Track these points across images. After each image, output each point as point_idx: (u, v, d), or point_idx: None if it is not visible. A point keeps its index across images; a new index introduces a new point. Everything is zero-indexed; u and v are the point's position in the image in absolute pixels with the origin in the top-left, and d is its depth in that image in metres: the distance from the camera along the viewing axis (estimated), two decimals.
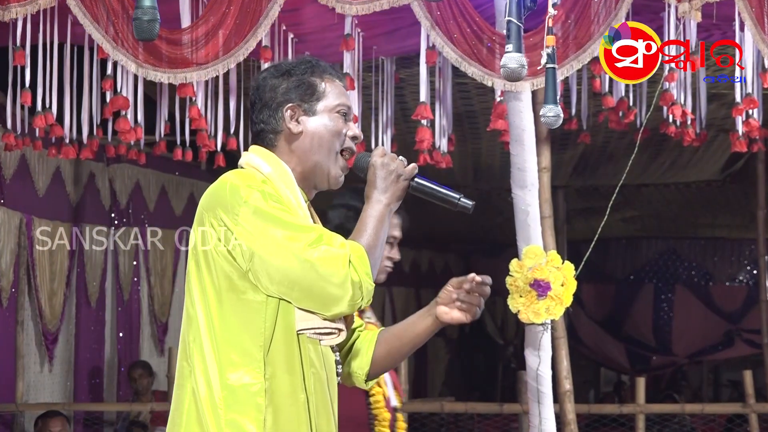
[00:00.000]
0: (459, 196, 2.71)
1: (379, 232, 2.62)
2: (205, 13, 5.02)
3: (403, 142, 7.00)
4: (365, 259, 2.53)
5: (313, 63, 2.75)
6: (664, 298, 13.90)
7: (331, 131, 2.72)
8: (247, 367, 2.54)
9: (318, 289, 2.50)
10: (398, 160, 2.69)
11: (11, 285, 7.43)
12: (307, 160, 2.71)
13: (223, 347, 2.55)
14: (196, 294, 2.60)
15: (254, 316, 2.55)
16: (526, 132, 4.88)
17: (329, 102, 2.72)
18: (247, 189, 2.56)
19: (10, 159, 7.36)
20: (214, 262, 2.57)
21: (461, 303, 2.77)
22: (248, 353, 2.54)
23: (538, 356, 4.88)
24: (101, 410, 8.15)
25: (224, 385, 2.54)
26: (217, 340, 2.56)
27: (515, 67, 3.74)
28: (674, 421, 8.46)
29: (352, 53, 5.33)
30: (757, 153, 7.46)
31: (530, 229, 4.88)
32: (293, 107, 2.71)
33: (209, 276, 2.58)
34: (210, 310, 2.58)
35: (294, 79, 2.72)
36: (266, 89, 2.73)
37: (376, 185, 2.67)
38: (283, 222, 2.53)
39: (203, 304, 2.59)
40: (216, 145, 6.07)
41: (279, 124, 2.71)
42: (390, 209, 2.67)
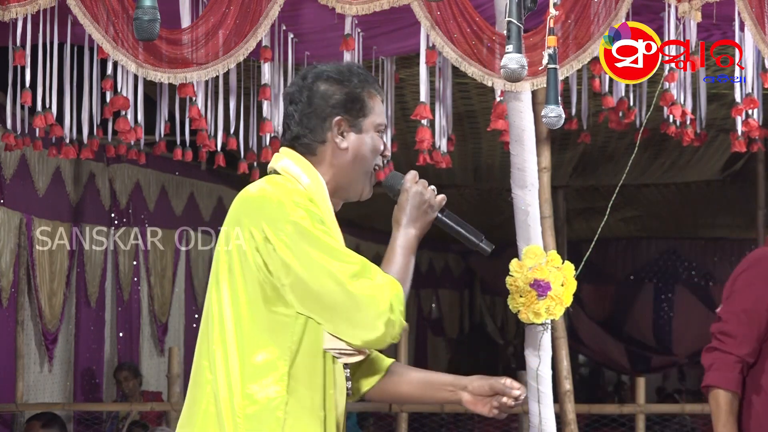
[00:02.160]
0: (481, 238, 2.76)
1: (409, 265, 2.64)
2: (205, 13, 5.02)
3: (403, 142, 7.00)
4: (402, 298, 2.53)
5: (364, 75, 2.70)
6: (664, 298, 13.90)
7: (372, 150, 2.69)
8: (271, 379, 2.51)
9: (353, 321, 2.49)
10: (430, 190, 2.68)
11: (11, 285, 7.43)
12: (344, 176, 2.67)
13: (248, 356, 2.53)
14: (227, 297, 2.56)
15: (283, 330, 2.53)
16: (526, 132, 4.88)
17: (373, 119, 2.69)
18: (293, 206, 2.52)
19: (10, 159, 7.35)
20: (249, 270, 2.53)
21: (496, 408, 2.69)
22: (273, 365, 2.52)
23: (538, 356, 4.88)
24: (101, 410, 8.15)
25: (245, 395, 2.51)
26: (244, 348, 2.53)
27: (516, 67, 3.74)
28: (674, 421, 8.46)
29: (352, 53, 5.32)
30: (756, 153, 7.46)
31: (530, 229, 4.87)
32: (341, 121, 2.65)
33: (243, 282, 2.54)
34: (240, 317, 2.54)
35: (346, 90, 2.66)
36: (317, 95, 2.66)
37: (407, 213, 2.66)
38: (328, 247, 2.50)
39: (233, 310, 2.55)
40: (216, 145, 6.07)
41: (324, 135, 2.66)
42: (418, 240, 2.68)
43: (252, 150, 6.51)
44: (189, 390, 2.64)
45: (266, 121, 5.87)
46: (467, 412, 8.70)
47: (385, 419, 10.02)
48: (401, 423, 6.78)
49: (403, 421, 6.78)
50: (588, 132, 6.43)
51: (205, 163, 8.81)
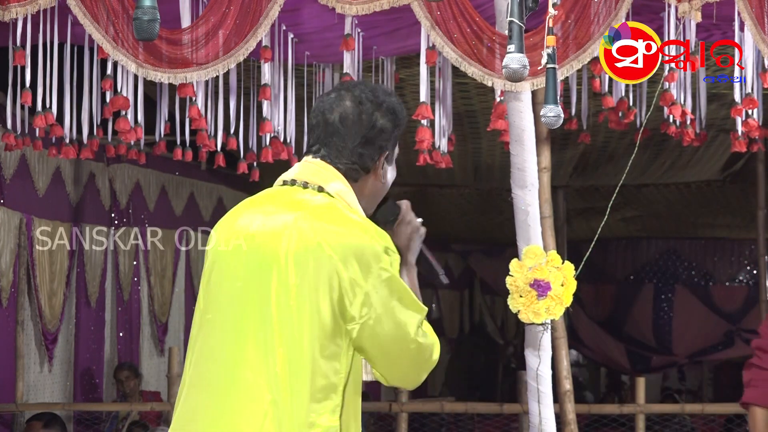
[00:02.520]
0: (442, 272, 2.90)
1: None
2: (205, 13, 5.02)
3: (403, 142, 6.99)
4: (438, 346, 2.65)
5: (403, 113, 2.74)
6: (664, 298, 13.90)
7: (391, 181, 2.78)
8: (330, 407, 2.52)
9: (408, 369, 2.61)
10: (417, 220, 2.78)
11: (11, 285, 7.43)
12: (370, 206, 2.73)
13: (312, 384, 2.51)
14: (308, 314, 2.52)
15: (338, 360, 2.53)
16: (526, 132, 4.88)
17: (396, 151, 2.76)
18: (385, 251, 2.56)
19: (10, 159, 7.35)
20: (323, 297, 2.52)
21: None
22: (330, 395, 2.52)
23: (538, 356, 4.88)
24: (100, 410, 8.15)
25: (309, 423, 2.49)
26: (308, 375, 2.51)
27: (517, 67, 3.74)
28: (674, 421, 8.45)
29: (352, 53, 5.33)
30: (756, 153, 7.46)
31: (530, 229, 4.88)
32: (386, 155, 2.71)
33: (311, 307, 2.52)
34: (314, 337, 2.52)
35: (398, 131, 2.72)
36: (377, 127, 2.67)
37: (410, 248, 2.77)
38: (406, 295, 2.59)
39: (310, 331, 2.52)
40: (216, 145, 6.07)
41: (371, 165, 2.68)
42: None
43: (252, 150, 6.51)
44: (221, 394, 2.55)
45: (266, 121, 5.87)
46: (467, 412, 8.71)
47: (385, 419, 10.02)
48: (401, 423, 6.78)
49: (403, 421, 6.78)
50: (588, 132, 6.43)
51: (205, 163, 8.82)
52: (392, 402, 6.91)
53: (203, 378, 2.58)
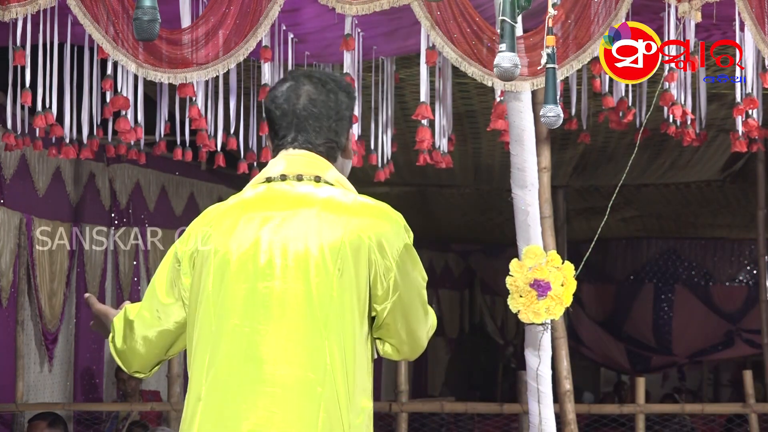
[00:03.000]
0: None
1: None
2: (205, 13, 5.02)
3: (403, 142, 7.00)
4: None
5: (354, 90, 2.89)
6: (664, 298, 13.91)
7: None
8: (366, 390, 2.61)
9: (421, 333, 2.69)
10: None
11: (11, 285, 7.43)
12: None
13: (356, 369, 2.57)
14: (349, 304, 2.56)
15: (369, 342, 2.63)
16: (526, 132, 4.88)
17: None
18: (405, 227, 2.69)
19: (10, 159, 7.35)
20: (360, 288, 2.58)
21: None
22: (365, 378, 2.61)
23: (538, 356, 4.88)
24: (101, 410, 8.15)
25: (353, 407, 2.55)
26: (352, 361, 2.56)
27: (509, 66, 3.74)
28: (674, 421, 8.46)
29: (352, 53, 5.33)
30: (757, 153, 7.46)
31: (530, 229, 4.88)
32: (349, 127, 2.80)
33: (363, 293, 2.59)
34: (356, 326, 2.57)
35: (354, 103, 2.79)
36: (342, 105, 2.73)
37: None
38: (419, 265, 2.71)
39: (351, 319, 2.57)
40: (216, 145, 6.07)
41: (342, 141, 2.74)
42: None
43: (252, 150, 6.51)
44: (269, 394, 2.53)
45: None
46: (467, 412, 8.71)
47: (385, 419, 10.02)
48: (401, 423, 6.78)
49: (403, 421, 6.78)
50: (588, 132, 6.43)
51: (205, 163, 8.81)
52: (392, 402, 6.91)
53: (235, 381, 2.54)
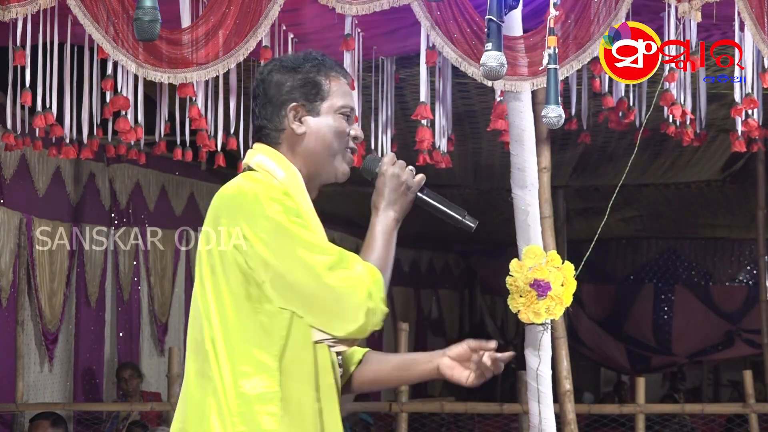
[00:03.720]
0: (464, 214, 2.68)
1: (389, 250, 2.60)
2: (205, 13, 5.02)
3: (403, 142, 7.00)
4: (382, 285, 2.52)
5: (320, 60, 2.69)
6: (664, 298, 13.91)
7: (335, 132, 2.67)
8: (262, 375, 2.52)
9: (333, 313, 2.49)
10: (408, 171, 2.65)
11: (11, 285, 7.43)
12: (311, 163, 2.67)
13: (238, 355, 2.53)
14: (211, 299, 2.57)
15: (270, 325, 2.53)
16: (526, 132, 4.88)
17: (334, 102, 2.68)
18: (269, 201, 2.52)
19: (10, 159, 7.35)
20: (231, 269, 2.54)
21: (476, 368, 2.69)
22: (263, 362, 2.52)
23: (538, 356, 4.88)
24: (101, 410, 8.15)
25: (238, 394, 2.52)
26: (233, 348, 2.54)
27: (494, 65, 3.75)
28: (674, 421, 8.46)
29: (352, 53, 5.33)
30: (756, 153, 7.45)
31: (530, 229, 4.88)
32: (297, 107, 2.66)
33: (225, 282, 2.55)
34: (226, 317, 2.55)
35: (300, 76, 2.67)
36: (271, 84, 2.68)
37: (385, 196, 2.63)
38: (304, 241, 2.50)
39: (218, 310, 2.56)
40: (216, 145, 6.07)
41: (282, 123, 2.67)
42: (397, 222, 2.63)
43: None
44: (184, 393, 2.63)
45: None
46: (467, 412, 8.71)
47: (385, 419, 10.02)
48: (401, 423, 6.78)
49: (403, 421, 6.78)
50: (588, 132, 6.43)
51: (205, 163, 8.80)
52: (392, 402, 6.91)
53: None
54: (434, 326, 15.35)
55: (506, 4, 3.88)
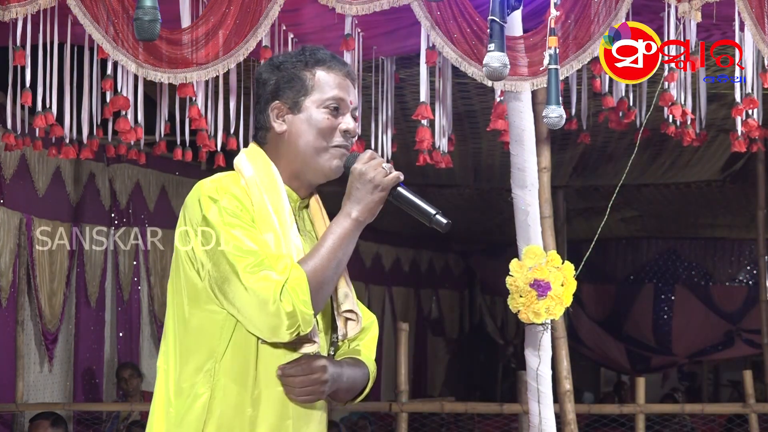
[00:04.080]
0: (434, 212, 2.58)
1: (336, 251, 2.52)
2: (205, 13, 5.02)
3: (403, 142, 7.00)
4: (303, 286, 2.45)
5: (307, 54, 2.65)
6: (664, 298, 13.90)
7: (318, 129, 2.62)
8: (200, 376, 2.53)
9: (253, 316, 2.46)
10: (379, 169, 2.57)
11: (11, 285, 7.43)
12: (294, 161, 2.63)
13: (184, 354, 2.56)
14: (170, 299, 2.62)
15: (213, 326, 2.53)
16: (526, 132, 4.88)
17: (318, 96, 2.63)
18: (207, 201, 2.52)
19: (10, 159, 7.35)
20: (183, 268, 2.57)
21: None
22: (203, 362, 2.53)
23: (538, 356, 4.88)
24: (100, 410, 8.15)
25: (177, 392, 2.55)
26: (181, 347, 2.56)
27: (497, 66, 3.75)
28: (674, 421, 8.45)
29: (352, 53, 5.33)
30: (757, 153, 7.45)
31: (530, 229, 4.87)
32: (278, 105, 2.64)
33: (182, 281, 2.57)
34: (177, 316, 2.59)
35: (282, 73, 2.64)
36: (259, 85, 2.68)
37: (350, 195, 2.57)
38: (230, 242, 2.48)
39: (172, 311, 2.60)
40: (216, 145, 6.07)
41: (267, 122, 2.65)
42: (359, 223, 2.55)
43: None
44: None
45: None
46: (467, 412, 8.71)
47: (385, 419, 10.02)
48: (401, 423, 6.78)
49: (403, 421, 6.78)
50: (588, 132, 6.43)
51: (205, 163, 8.81)
52: (392, 402, 6.90)
53: None
54: (434, 326, 15.36)
55: (509, 4, 3.87)
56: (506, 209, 5.73)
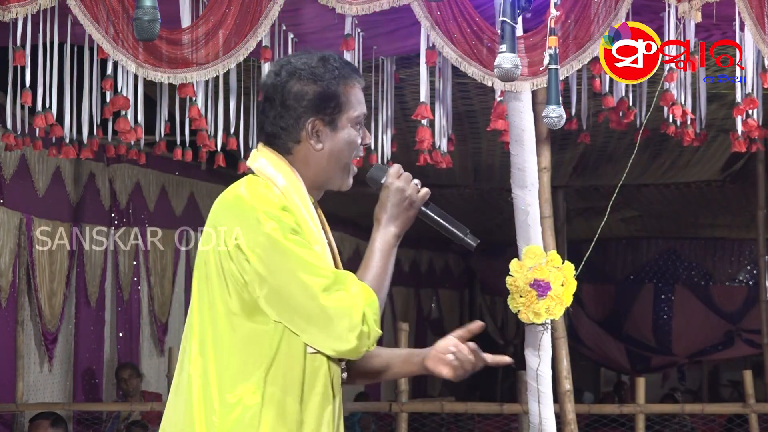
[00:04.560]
0: (466, 232, 2.68)
1: (387, 267, 2.59)
2: (205, 13, 5.02)
3: (403, 142, 7.00)
4: (377, 307, 2.53)
5: (339, 69, 2.63)
6: (664, 298, 13.90)
7: (349, 145, 2.65)
8: (247, 386, 2.51)
9: (326, 333, 2.49)
10: (413, 185, 2.63)
11: (11, 285, 7.43)
12: (322, 174, 2.65)
13: (226, 365, 2.53)
14: (205, 305, 2.57)
15: (261, 337, 2.52)
16: (526, 132, 4.88)
17: (350, 114, 2.64)
18: (266, 216, 2.50)
19: (10, 159, 7.35)
20: (226, 279, 2.53)
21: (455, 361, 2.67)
22: (249, 373, 2.52)
23: (538, 356, 4.88)
24: (100, 410, 8.15)
25: (222, 403, 2.52)
26: (222, 356, 2.54)
27: (509, 67, 3.75)
28: (674, 421, 8.45)
29: (352, 53, 5.33)
30: (756, 153, 7.45)
31: (530, 229, 4.88)
32: (315, 121, 2.62)
33: (220, 291, 2.54)
34: (217, 325, 2.55)
35: (319, 89, 2.61)
36: (290, 95, 2.62)
37: (387, 210, 2.61)
38: (301, 260, 2.49)
39: (210, 318, 2.56)
40: (216, 145, 6.07)
41: (299, 135, 2.63)
42: (398, 238, 2.62)
43: (252, 150, 6.49)
44: (171, 393, 2.64)
45: None
46: (467, 412, 8.71)
47: (385, 419, 10.02)
48: (401, 423, 6.77)
49: (403, 421, 6.77)
50: (588, 132, 6.43)
51: (205, 163, 8.80)
52: (392, 402, 6.90)
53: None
54: (434, 326, 15.36)
55: (519, 5, 3.87)
56: (506, 209, 5.73)
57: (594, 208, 11.41)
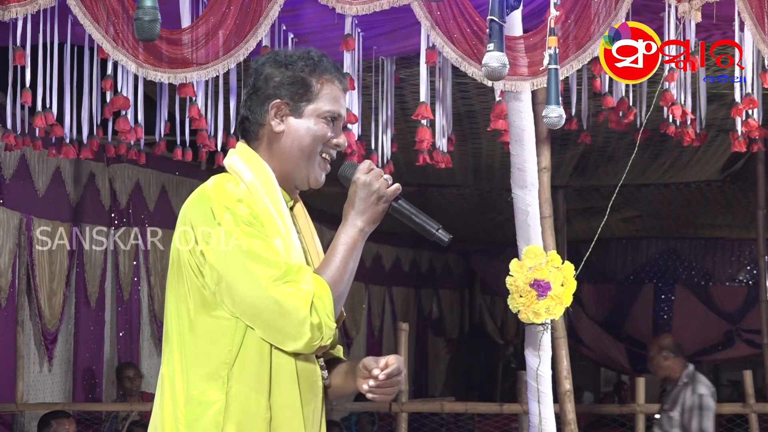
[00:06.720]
0: (437, 227, 2.64)
1: (348, 262, 2.56)
2: (205, 13, 5.02)
3: (403, 142, 7.00)
4: (329, 299, 2.48)
5: (315, 60, 2.65)
6: (664, 298, 13.90)
7: (314, 136, 2.64)
8: (212, 384, 2.51)
9: (277, 326, 2.47)
10: (382, 180, 2.60)
11: (10, 285, 7.43)
12: (285, 162, 2.64)
13: (191, 361, 2.53)
14: (173, 303, 2.58)
15: (223, 333, 2.52)
16: (526, 132, 4.88)
17: (319, 106, 2.64)
18: (220, 209, 2.51)
19: (10, 159, 7.35)
20: (188, 275, 2.54)
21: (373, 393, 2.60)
22: (214, 370, 2.52)
23: (538, 356, 4.88)
24: (100, 410, 8.15)
25: (187, 401, 2.53)
26: (187, 354, 2.54)
27: (496, 66, 3.75)
28: None
29: (352, 53, 5.33)
30: (756, 153, 7.45)
31: (530, 229, 4.88)
32: (280, 104, 2.63)
33: (185, 287, 2.55)
34: (182, 323, 2.56)
35: (290, 73, 2.63)
36: (261, 77, 2.65)
37: (354, 205, 2.59)
38: (251, 252, 2.48)
39: (177, 315, 2.57)
40: (216, 145, 6.07)
41: (263, 118, 2.65)
42: (365, 233, 2.59)
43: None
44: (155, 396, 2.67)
45: None
46: (467, 412, 8.71)
47: (385, 419, 10.02)
48: (401, 423, 6.78)
49: (403, 421, 6.78)
50: (588, 132, 6.43)
51: (205, 163, 8.80)
52: (392, 402, 6.91)
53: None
54: (434, 326, 15.36)
55: (508, 4, 3.87)
56: (506, 209, 5.74)
57: (594, 208, 11.40)
